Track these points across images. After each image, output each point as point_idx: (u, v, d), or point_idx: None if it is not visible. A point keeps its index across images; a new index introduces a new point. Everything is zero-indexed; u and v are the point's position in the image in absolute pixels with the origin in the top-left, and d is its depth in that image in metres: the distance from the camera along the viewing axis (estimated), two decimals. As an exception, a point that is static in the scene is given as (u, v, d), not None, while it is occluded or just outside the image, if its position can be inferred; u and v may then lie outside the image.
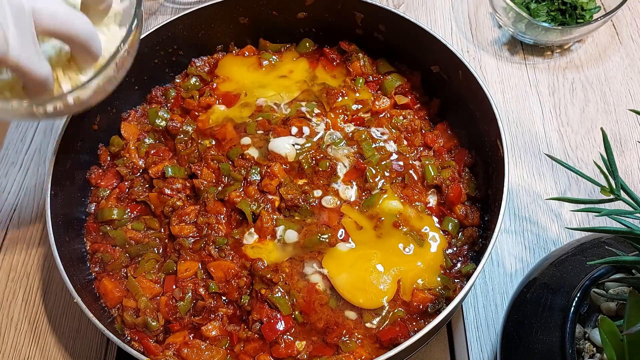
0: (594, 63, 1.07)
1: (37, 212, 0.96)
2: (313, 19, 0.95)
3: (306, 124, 0.87)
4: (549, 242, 0.89)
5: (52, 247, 0.71)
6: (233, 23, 0.94)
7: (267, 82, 0.93)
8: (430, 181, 0.81)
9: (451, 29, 1.13)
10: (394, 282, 0.74)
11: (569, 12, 1.05)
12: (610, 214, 0.59)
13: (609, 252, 0.64)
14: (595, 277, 0.62)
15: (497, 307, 0.84)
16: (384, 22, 0.90)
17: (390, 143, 0.85)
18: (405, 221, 0.78)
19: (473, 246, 0.78)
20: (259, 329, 0.72)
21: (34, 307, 0.87)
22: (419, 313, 0.73)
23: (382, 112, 0.89)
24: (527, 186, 0.94)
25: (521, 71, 1.07)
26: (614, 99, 1.03)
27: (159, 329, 0.74)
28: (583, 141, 0.98)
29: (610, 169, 0.59)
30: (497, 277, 0.86)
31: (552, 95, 1.04)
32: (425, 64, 0.90)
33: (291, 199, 0.79)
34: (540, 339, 0.62)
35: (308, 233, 0.78)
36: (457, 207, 0.80)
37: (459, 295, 0.65)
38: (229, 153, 0.85)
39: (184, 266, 0.77)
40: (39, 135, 1.02)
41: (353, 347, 0.70)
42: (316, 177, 0.82)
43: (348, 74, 0.93)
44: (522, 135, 0.99)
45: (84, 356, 0.83)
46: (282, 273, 0.74)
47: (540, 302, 0.66)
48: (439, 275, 0.75)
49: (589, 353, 0.61)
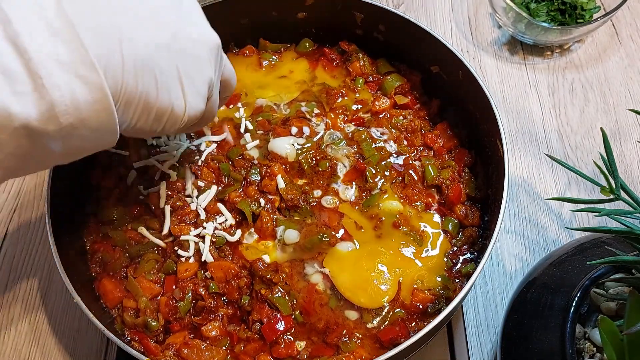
0: (593, 63, 1.07)
1: (37, 212, 0.96)
2: (313, 19, 0.95)
3: (306, 124, 0.87)
4: (549, 242, 0.89)
5: (52, 247, 0.71)
6: (233, 23, 0.94)
7: (267, 82, 0.93)
8: (430, 181, 0.82)
9: (451, 29, 1.13)
10: (394, 282, 0.74)
11: (568, 12, 1.05)
12: (610, 214, 0.59)
13: (609, 252, 0.64)
14: (595, 277, 0.62)
15: (497, 307, 0.84)
16: (384, 22, 0.90)
17: (390, 143, 0.85)
18: (405, 221, 0.78)
19: (473, 246, 0.78)
20: (259, 329, 0.72)
21: (34, 307, 0.87)
22: (419, 313, 0.73)
23: (382, 112, 0.89)
24: (527, 186, 0.94)
25: (521, 71, 1.07)
26: (614, 99, 1.03)
27: (159, 329, 0.74)
28: (583, 141, 0.98)
29: (610, 169, 0.59)
30: (497, 277, 0.86)
31: (552, 95, 1.04)
32: (425, 64, 0.90)
33: (291, 199, 0.79)
34: (540, 339, 0.62)
35: (308, 233, 0.78)
36: (457, 207, 0.80)
37: (459, 295, 0.65)
38: (229, 153, 0.85)
39: (184, 266, 0.77)
40: (39, 136, 1.02)
41: (353, 347, 0.70)
42: (316, 177, 0.82)
43: (348, 74, 0.93)
44: (522, 135, 1.00)
45: (84, 356, 0.83)
46: (282, 273, 0.74)
47: (540, 302, 0.66)
48: (439, 275, 0.75)
49: (589, 353, 0.61)
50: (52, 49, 0.48)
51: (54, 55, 0.48)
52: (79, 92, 0.50)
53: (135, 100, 0.56)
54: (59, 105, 0.49)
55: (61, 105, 0.49)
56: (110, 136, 0.56)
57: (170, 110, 0.61)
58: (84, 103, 0.50)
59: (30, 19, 0.48)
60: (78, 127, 0.51)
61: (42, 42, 0.48)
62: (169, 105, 0.60)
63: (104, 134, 0.55)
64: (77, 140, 0.53)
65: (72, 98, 0.49)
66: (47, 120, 0.49)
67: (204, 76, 0.64)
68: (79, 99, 0.50)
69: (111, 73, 0.52)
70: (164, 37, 0.58)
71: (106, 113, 0.53)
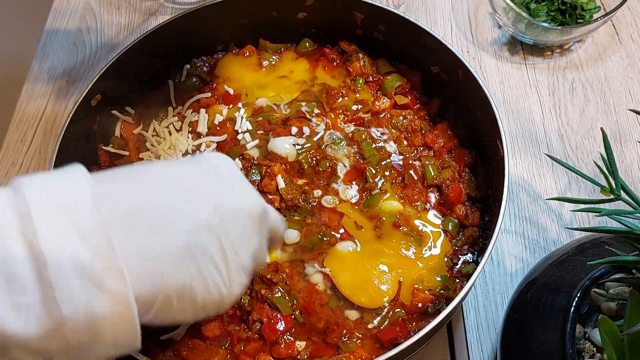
0: (594, 63, 1.07)
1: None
2: (313, 19, 0.95)
3: (306, 124, 0.87)
4: (549, 242, 0.89)
5: (52, 247, 0.71)
6: (233, 23, 0.94)
7: (267, 82, 0.93)
8: (430, 181, 0.81)
9: (451, 29, 1.13)
10: (394, 282, 0.74)
11: (568, 12, 1.05)
12: (610, 214, 0.59)
13: (609, 252, 0.64)
14: (596, 277, 0.62)
15: (497, 307, 0.84)
16: (384, 22, 0.90)
17: (390, 143, 0.85)
18: (406, 221, 0.78)
19: (473, 246, 0.78)
20: (259, 329, 0.72)
21: (34, 307, 0.87)
22: (419, 313, 0.73)
23: (382, 112, 0.89)
24: (527, 186, 0.94)
25: (521, 71, 1.07)
26: (614, 99, 1.03)
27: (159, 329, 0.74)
28: (583, 141, 0.98)
29: (610, 169, 0.59)
30: (497, 277, 0.86)
31: (552, 95, 1.04)
32: (425, 64, 0.90)
33: (291, 199, 0.79)
34: (541, 339, 0.62)
35: (308, 233, 0.78)
36: (457, 207, 0.80)
37: (459, 295, 0.65)
38: (229, 153, 0.85)
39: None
40: (39, 136, 1.02)
41: (353, 347, 0.70)
42: (316, 177, 0.82)
43: (348, 74, 0.93)
44: (522, 135, 0.99)
45: (84, 356, 0.83)
46: (282, 273, 0.74)
47: (540, 302, 0.66)
48: (439, 275, 0.75)
49: (589, 353, 0.61)
50: (75, 251, 0.41)
51: (77, 259, 0.41)
52: (97, 305, 0.42)
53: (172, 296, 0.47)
54: (69, 322, 0.41)
55: (71, 322, 0.41)
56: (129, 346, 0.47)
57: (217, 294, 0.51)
58: (101, 319, 0.42)
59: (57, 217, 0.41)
60: (88, 344, 0.43)
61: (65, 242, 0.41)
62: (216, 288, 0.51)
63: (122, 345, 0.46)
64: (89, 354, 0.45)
65: (87, 312, 0.41)
66: (49, 340, 0.41)
67: (250, 248, 0.55)
68: (96, 313, 0.42)
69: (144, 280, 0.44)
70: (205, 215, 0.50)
71: (128, 326, 0.44)
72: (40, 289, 0.40)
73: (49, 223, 0.41)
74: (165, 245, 0.46)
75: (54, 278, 0.40)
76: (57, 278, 0.40)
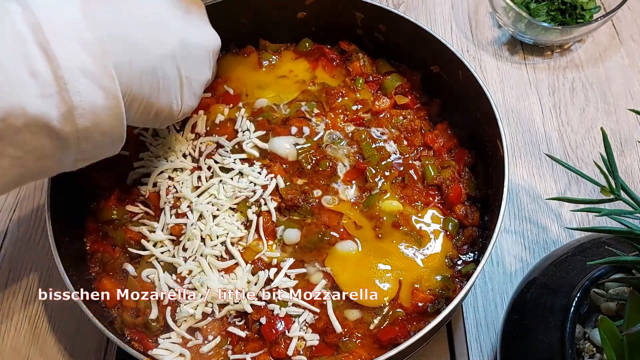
0: (594, 63, 1.07)
1: (37, 212, 0.96)
2: (313, 19, 0.95)
3: (306, 124, 0.87)
4: (549, 242, 0.89)
5: (52, 247, 0.71)
6: (233, 23, 0.94)
7: (267, 82, 0.93)
8: (430, 181, 0.81)
9: (451, 29, 1.13)
10: (395, 281, 0.74)
11: (568, 12, 1.05)
12: (610, 214, 0.59)
13: (609, 252, 0.64)
14: (595, 277, 0.62)
15: (497, 307, 0.84)
16: (384, 22, 0.90)
17: (390, 143, 0.85)
18: (406, 221, 0.78)
19: (473, 246, 0.78)
20: (259, 329, 0.72)
21: (34, 307, 0.87)
22: (419, 313, 0.73)
23: (382, 112, 0.89)
24: (527, 186, 0.94)
25: (521, 71, 1.07)
26: (614, 99, 1.03)
27: (159, 329, 0.74)
28: (583, 141, 0.98)
29: (610, 169, 0.59)
30: (497, 277, 0.86)
31: (552, 95, 1.04)
32: (425, 64, 0.90)
33: (291, 199, 0.79)
34: (540, 339, 0.62)
35: (308, 233, 0.78)
36: (457, 207, 0.80)
37: (459, 295, 0.65)
38: (229, 153, 0.85)
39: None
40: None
41: (353, 347, 0.70)
42: (316, 176, 0.82)
43: (348, 74, 0.93)
44: (522, 135, 1.00)
45: (83, 356, 0.83)
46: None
47: (540, 302, 0.66)
48: (439, 275, 0.75)
49: (589, 353, 0.61)
50: (80, 59, 0.54)
51: (81, 64, 0.54)
52: (97, 98, 0.55)
53: (138, 101, 0.63)
54: (78, 108, 0.54)
55: (79, 108, 0.54)
56: (118, 141, 0.62)
57: (169, 110, 0.68)
58: (100, 108, 0.56)
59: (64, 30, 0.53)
60: (91, 131, 0.57)
61: (72, 52, 0.53)
62: (168, 105, 0.68)
63: (113, 138, 0.60)
64: (89, 144, 0.58)
65: (90, 103, 0.55)
66: (65, 122, 0.54)
67: (202, 78, 0.72)
68: (97, 103, 0.55)
69: (122, 79, 0.58)
70: (170, 47, 0.66)
71: (117, 118, 0.58)
72: (57, 83, 0.52)
73: (58, 36, 0.53)
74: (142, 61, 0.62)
75: (66, 76, 0.52)
76: (69, 76, 0.53)
